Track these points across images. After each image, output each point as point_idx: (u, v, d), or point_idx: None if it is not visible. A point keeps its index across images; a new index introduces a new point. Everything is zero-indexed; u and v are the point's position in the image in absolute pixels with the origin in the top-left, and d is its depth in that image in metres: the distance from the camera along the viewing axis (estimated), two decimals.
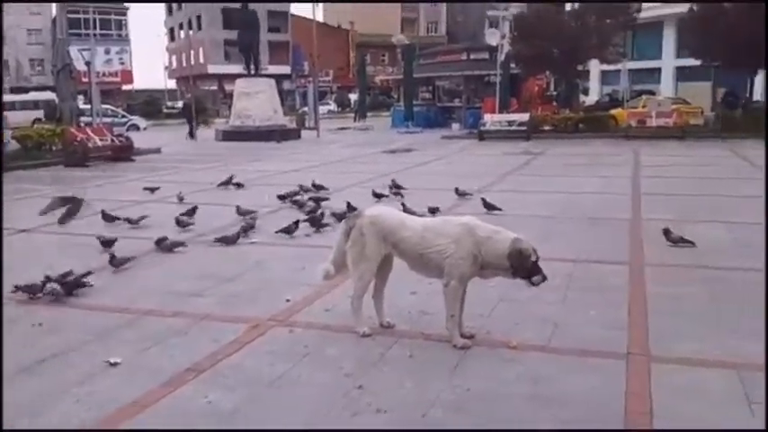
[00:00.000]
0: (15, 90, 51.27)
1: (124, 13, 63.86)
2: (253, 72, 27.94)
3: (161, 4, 73.79)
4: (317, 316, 4.90)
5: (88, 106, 26.38)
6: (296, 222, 7.77)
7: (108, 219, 8.53)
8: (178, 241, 7.23)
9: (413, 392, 3.60)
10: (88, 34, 26.25)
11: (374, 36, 67.89)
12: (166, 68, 74.24)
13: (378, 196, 10.11)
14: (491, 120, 23.97)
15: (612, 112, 26.10)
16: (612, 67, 30.62)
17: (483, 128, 23.43)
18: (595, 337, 4.32)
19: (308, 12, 55.56)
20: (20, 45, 61.66)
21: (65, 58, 20.06)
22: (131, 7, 63.66)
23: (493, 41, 27.97)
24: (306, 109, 36.26)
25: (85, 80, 27.82)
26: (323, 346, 4.29)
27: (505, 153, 18.07)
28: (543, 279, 4.08)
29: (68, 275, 5.60)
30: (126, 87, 60.37)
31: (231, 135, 26.22)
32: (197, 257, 6.89)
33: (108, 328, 4.74)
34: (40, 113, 36.34)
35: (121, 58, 59.87)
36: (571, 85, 28.74)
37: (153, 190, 11.51)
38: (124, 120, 36.12)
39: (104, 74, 53.61)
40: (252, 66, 28.02)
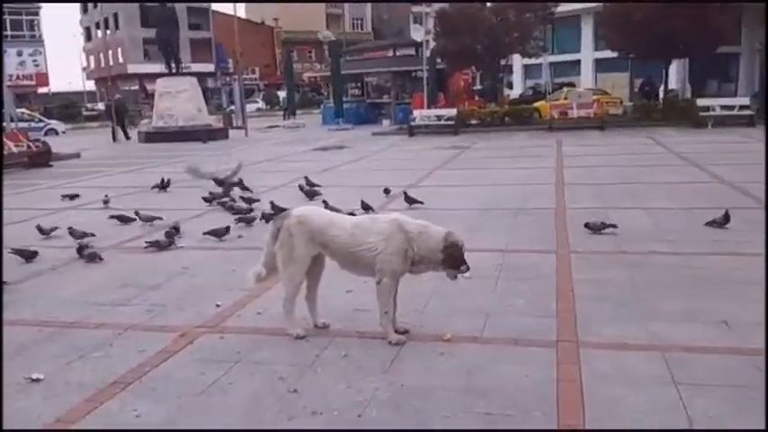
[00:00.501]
0: None
1: (36, 13, 60.88)
2: (174, 71, 27.18)
3: (75, 3, 70.94)
4: (249, 320, 4.81)
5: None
6: (227, 227, 7.60)
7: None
8: (95, 253, 6.90)
9: (348, 393, 3.57)
10: None
11: (299, 32, 67.26)
12: (84, 69, 71.44)
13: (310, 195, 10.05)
14: (420, 115, 24.16)
15: (536, 105, 26.71)
16: (534, 61, 31.33)
17: (413, 123, 23.59)
18: (526, 326, 4.41)
19: (230, 8, 54.39)
20: None
21: (2, 66, 18.92)
22: (44, 7, 60.71)
23: (418, 37, 28.23)
24: (233, 107, 35.57)
25: None
26: (255, 351, 4.21)
27: (435, 148, 18.25)
28: (468, 269, 4.17)
29: None
30: (42, 90, 58.04)
31: (154, 136, 25.43)
32: (120, 265, 6.63)
33: (28, 343, 4.51)
34: None
35: (35, 60, 57.66)
36: (495, 80, 29.28)
37: (72, 197, 11.05)
38: (41, 124, 34.49)
39: (18, 77, 51.38)
40: (173, 64, 27.26)
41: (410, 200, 8.93)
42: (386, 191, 10.03)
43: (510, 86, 37.92)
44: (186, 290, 5.64)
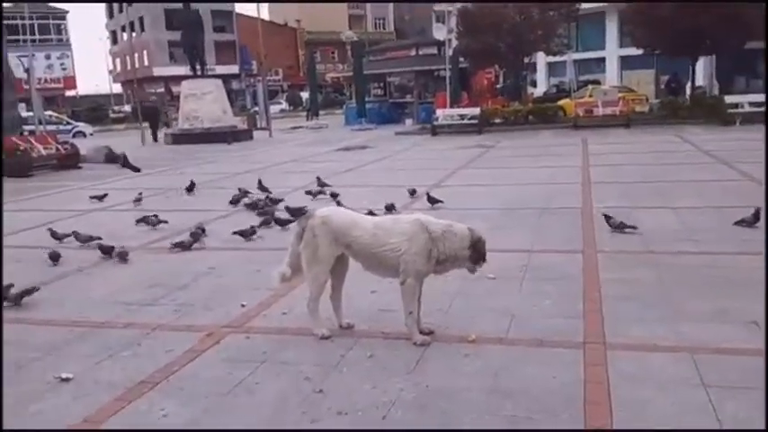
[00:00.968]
0: None
1: (63, 17, 61.95)
2: (199, 73, 27.46)
3: (101, 7, 71.98)
4: (274, 320, 4.83)
5: (31, 114, 25.57)
6: (252, 228, 7.68)
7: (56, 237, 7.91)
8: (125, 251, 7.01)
9: (373, 393, 3.57)
10: (26, 40, 25.29)
11: (322, 33, 67.57)
12: (110, 72, 72.50)
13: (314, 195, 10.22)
14: (443, 114, 24.11)
15: (560, 103, 26.52)
16: (558, 59, 31.13)
17: (435, 123, 23.54)
18: (552, 327, 4.37)
19: (253, 10, 55.05)
20: None
21: (3, 66, 19.32)
22: (71, 11, 61.79)
23: (440, 36, 28.12)
24: (257, 109, 35.82)
25: (26, 87, 27.00)
26: (281, 351, 4.22)
27: (458, 147, 18.19)
28: (484, 261, 4.26)
29: (9, 288, 5.45)
30: (70, 93, 59.07)
31: (181, 138, 25.73)
32: (148, 266, 6.72)
33: (58, 343, 4.58)
34: None
35: (63, 64, 58.66)
36: (519, 78, 29.11)
37: (100, 198, 11.21)
38: (69, 126, 35.10)
39: (46, 80, 52.41)
40: (198, 66, 27.54)
41: (432, 200, 8.90)
42: (411, 192, 9.94)
43: (534, 85, 37.69)
44: (212, 290, 5.69)
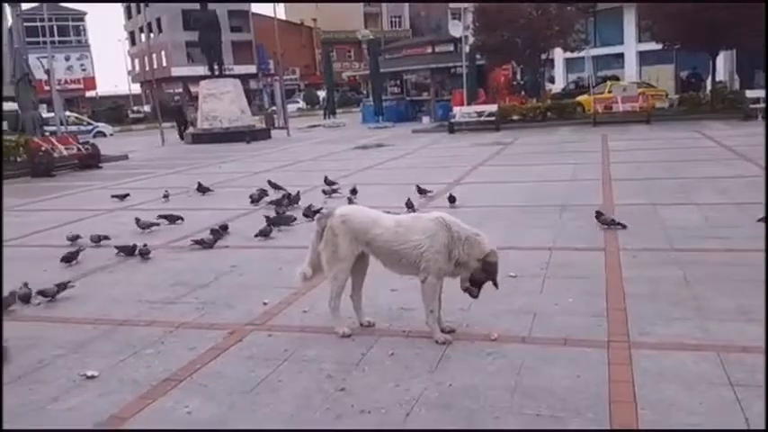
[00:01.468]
0: None
1: (82, 19, 62.57)
2: (217, 73, 27.61)
3: (119, 9, 72.63)
4: (296, 318, 4.85)
5: (52, 115, 25.87)
6: (269, 225, 7.72)
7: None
8: (147, 249, 7.07)
9: (396, 392, 3.57)
10: (46, 42, 25.56)
11: (338, 32, 67.56)
12: (129, 73, 73.12)
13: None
14: (460, 112, 24.01)
15: (579, 99, 26.32)
16: (576, 55, 30.86)
17: (453, 120, 23.46)
18: (575, 326, 4.33)
19: (270, 10, 55.24)
20: None
21: (23, 68, 19.55)
22: (89, 12, 62.39)
23: (456, 33, 28.02)
24: (274, 108, 35.95)
25: (47, 88, 27.29)
26: (303, 349, 4.23)
27: (476, 144, 18.13)
28: (476, 296, 4.28)
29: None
30: (89, 94, 59.64)
31: (200, 138, 25.92)
32: (170, 264, 6.77)
33: (82, 341, 4.63)
34: (4, 125, 35.53)
35: (83, 65, 59.24)
36: (536, 74, 28.92)
37: (122, 197, 11.32)
38: (89, 127, 35.47)
39: (66, 81, 52.91)
40: (216, 66, 27.69)
41: (452, 198, 8.84)
42: (421, 191, 9.59)
43: (552, 81, 37.42)
44: (234, 288, 5.72)
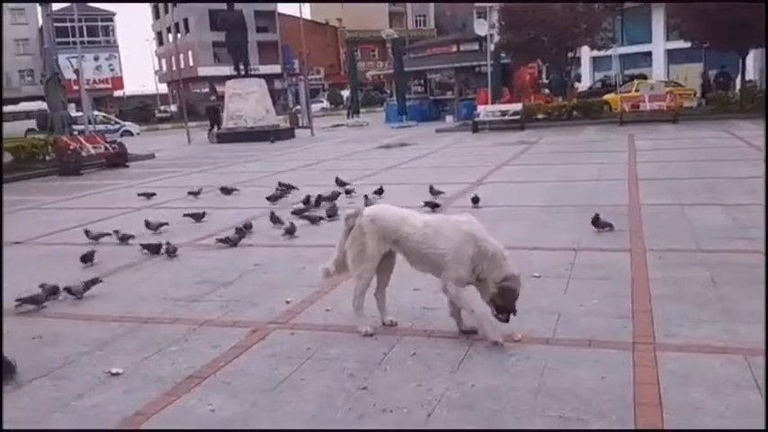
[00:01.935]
0: (5, 101, 51.08)
1: (111, 19, 63.63)
2: (243, 73, 27.83)
3: (147, 9, 73.57)
4: (318, 317, 4.86)
5: (80, 114, 26.29)
6: (292, 225, 7.81)
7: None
8: (173, 247, 7.14)
9: (418, 391, 3.56)
10: (76, 42, 26.01)
11: (363, 32, 67.70)
12: (156, 73, 74.01)
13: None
14: (484, 111, 23.88)
15: (605, 98, 26.06)
16: (603, 53, 30.53)
17: (477, 119, 23.35)
18: (600, 327, 4.28)
19: (295, 10, 55.47)
20: (8, 56, 61.37)
21: (53, 67, 19.90)
22: (118, 12, 63.28)
23: (482, 32, 27.90)
24: (299, 107, 36.13)
25: (76, 88, 27.77)
26: (325, 348, 4.24)
27: (500, 144, 18.03)
28: (506, 320, 4.11)
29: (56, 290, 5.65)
30: (117, 93, 60.55)
31: (225, 137, 26.16)
32: (195, 262, 6.83)
33: (107, 338, 4.69)
34: (32, 124, 36.24)
35: (111, 65, 60.14)
36: (563, 73, 28.67)
37: (149, 196, 11.45)
38: (117, 126, 36.03)
39: (95, 81, 53.81)
40: (241, 66, 27.91)
41: (476, 199, 8.77)
42: (433, 192, 9.26)
43: (578, 79, 37.08)
44: (258, 286, 5.75)
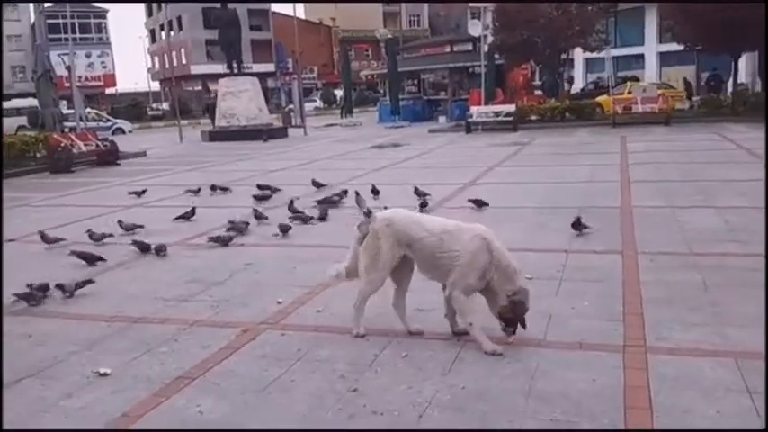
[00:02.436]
0: None
1: (104, 16, 63.23)
2: (236, 71, 27.75)
3: (140, 6, 73.26)
4: (309, 318, 4.84)
5: (72, 111, 26.13)
6: (288, 225, 7.81)
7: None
8: (163, 245, 7.10)
9: (408, 393, 3.54)
10: (68, 39, 25.86)
11: (357, 31, 67.61)
12: (149, 70, 73.73)
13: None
14: (477, 112, 23.90)
15: (598, 100, 26.13)
16: (596, 55, 30.65)
17: (470, 120, 23.37)
18: (591, 330, 4.28)
19: (289, 9, 55.58)
20: None
21: (44, 64, 19.78)
22: (110, 9, 62.98)
23: (476, 32, 27.96)
24: (291, 107, 36.08)
25: (67, 85, 27.60)
26: (316, 349, 4.22)
27: (493, 144, 18.05)
28: (513, 333, 4.11)
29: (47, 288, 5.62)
30: (109, 91, 60.26)
31: (217, 135, 26.07)
32: (186, 261, 6.79)
33: (96, 338, 4.65)
34: (24, 120, 36.02)
35: (103, 62, 59.89)
36: (555, 74, 28.75)
37: (139, 194, 11.39)
38: (109, 124, 35.79)
39: (87, 78, 53.55)
40: (234, 65, 27.83)
41: (478, 203, 8.62)
42: (418, 193, 9.13)
43: (571, 81, 37.20)
44: (249, 286, 5.73)
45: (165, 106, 54.95)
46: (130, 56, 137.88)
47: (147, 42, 74.80)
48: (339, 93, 52.45)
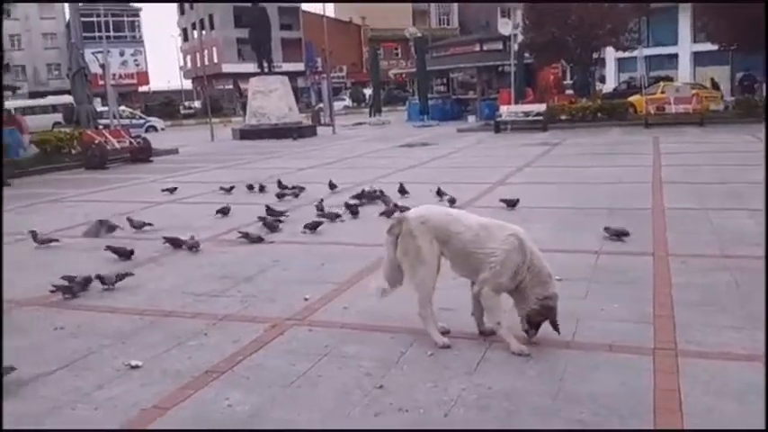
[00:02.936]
0: (33, 94, 52.03)
1: (137, 15, 64.17)
2: (266, 70, 27.97)
3: (173, 5, 74.16)
4: (336, 314, 4.87)
5: (106, 108, 26.60)
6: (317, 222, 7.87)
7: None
8: (196, 242, 7.21)
9: (434, 392, 3.55)
10: (102, 37, 26.32)
11: (386, 30, 67.56)
12: (181, 69, 74.64)
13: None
14: (507, 111, 23.75)
15: (630, 100, 25.77)
16: (629, 54, 30.20)
17: (499, 119, 23.23)
18: (620, 332, 4.23)
19: (319, 8, 55.82)
20: (36, 50, 62.41)
21: (79, 62, 20.17)
22: (144, 8, 63.92)
23: (505, 31, 27.74)
24: (321, 105, 36.26)
25: (102, 83, 28.11)
26: (342, 345, 4.25)
27: (522, 144, 17.93)
28: (534, 335, 4.11)
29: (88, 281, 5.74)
30: (143, 89, 61.16)
31: (248, 134, 26.33)
32: (216, 257, 6.88)
33: (128, 331, 4.73)
34: (59, 117, 36.77)
35: (136, 60, 60.82)
36: (587, 73, 28.41)
37: (171, 191, 11.55)
38: (142, 121, 36.40)
39: (120, 76, 54.44)
40: (265, 64, 28.06)
41: (510, 202, 8.56)
42: (440, 193, 9.18)
43: (602, 80, 36.73)
44: (277, 282, 5.78)
45: (197, 104, 55.63)
46: (163, 54, 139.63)
47: (180, 41, 75.76)
48: (368, 92, 52.57)
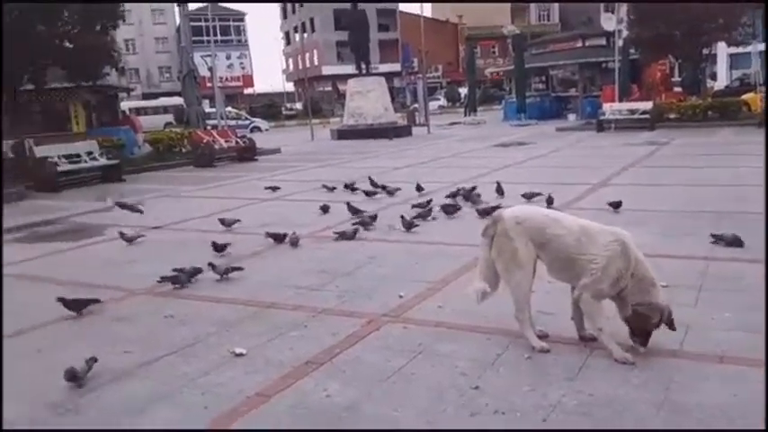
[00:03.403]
0: (146, 96, 55.34)
1: (242, 19, 66.78)
2: (364, 71, 28.40)
3: (276, 9, 76.62)
4: (430, 313, 4.87)
5: (213, 110, 27.88)
6: (411, 223, 7.92)
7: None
8: (297, 237, 7.45)
9: (532, 395, 3.48)
10: (210, 41, 27.58)
11: (483, 28, 66.89)
12: (284, 71, 76.96)
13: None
14: (610, 109, 22.91)
15: (744, 98, 24.23)
16: (741, 50, 28.41)
17: (602, 118, 22.47)
18: (733, 342, 4.00)
19: (416, 9, 56.02)
20: (149, 53, 66.26)
21: (189, 65, 21.26)
22: (249, 12, 66.38)
23: (609, 27, 26.79)
24: (416, 105, 36.40)
25: (209, 85, 29.49)
26: (437, 344, 4.25)
27: (627, 144, 17.26)
28: (644, 345, 3.90)
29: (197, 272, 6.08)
30: (248, 91, 63.62)
31: (345, 134, 26.86)
32: (315, 253, 7.06)
33: (233, 321, 4.95)
34: (170, 118, 38.90)
35: (242, 63, 63.31)
36: (697, 70, 26.96)
37: (274, 189, 11.95)
38: (247, 122, 37.91)
39: (227, 78, 56.81)
40: (363, 65, 28.48)
41: (616, 204, 8.28)
42: (498, 190, 9.57)
43: (713, 77, 34.76)
44: (372, 279, 5.86)
45: (298, 106, 57.23)
46: (267, 57, 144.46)
47: (283, 44, 78.16)
48: (463, 91, 52.23)
